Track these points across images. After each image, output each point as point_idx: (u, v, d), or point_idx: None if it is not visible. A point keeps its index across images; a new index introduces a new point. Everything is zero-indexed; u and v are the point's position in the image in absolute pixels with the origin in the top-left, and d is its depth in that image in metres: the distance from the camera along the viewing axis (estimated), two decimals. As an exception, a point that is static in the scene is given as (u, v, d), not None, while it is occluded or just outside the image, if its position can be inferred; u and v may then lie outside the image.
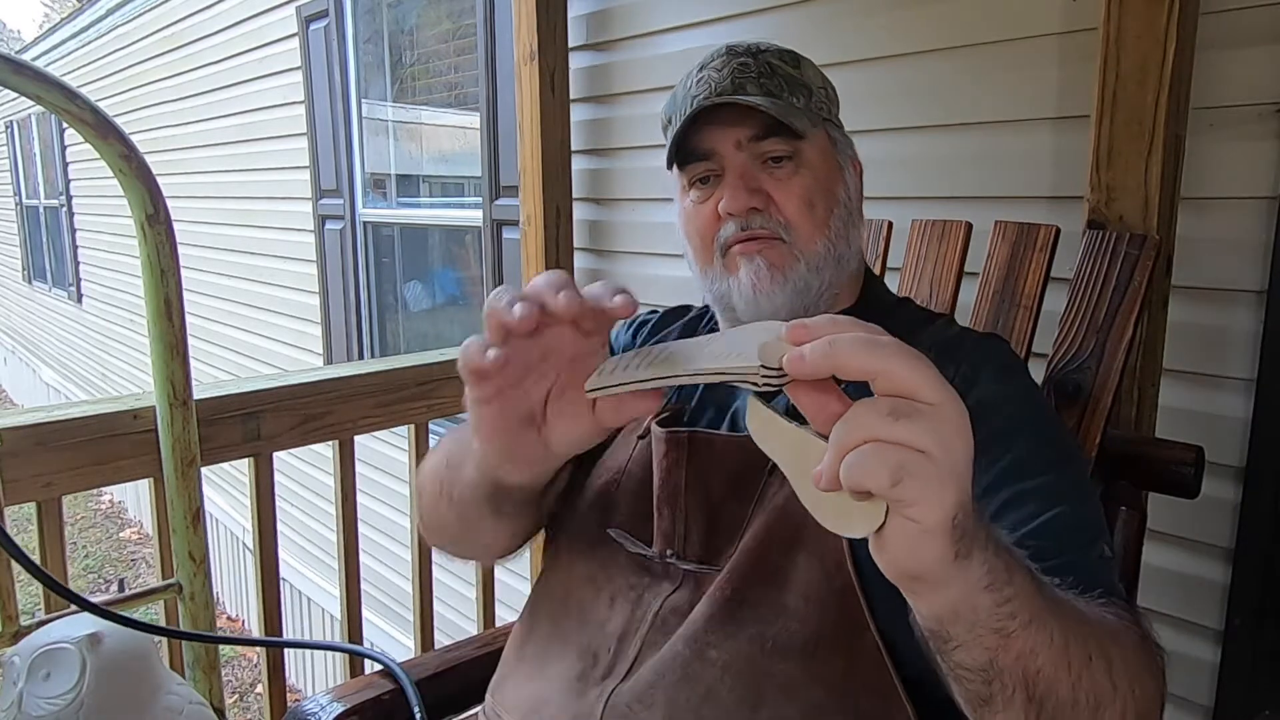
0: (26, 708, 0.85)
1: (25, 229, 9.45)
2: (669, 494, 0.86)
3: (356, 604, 1.65)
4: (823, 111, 0.90)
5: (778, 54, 0.89)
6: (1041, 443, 0.77)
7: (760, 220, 0.85)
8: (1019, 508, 0.72)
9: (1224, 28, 1.17)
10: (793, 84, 0.88)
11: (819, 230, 0.86)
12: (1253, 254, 1.18)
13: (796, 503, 0.78)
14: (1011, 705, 0.54)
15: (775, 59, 0.88)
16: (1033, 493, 0.73)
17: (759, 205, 0.85)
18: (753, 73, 0.86)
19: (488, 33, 2.56)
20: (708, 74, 0.88)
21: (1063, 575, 0.66)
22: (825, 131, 0.90)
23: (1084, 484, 0.78)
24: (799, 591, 0.75)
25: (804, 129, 0.85)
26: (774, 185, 0.86)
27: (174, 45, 4.96)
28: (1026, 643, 0.52)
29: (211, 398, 1.38)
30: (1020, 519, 0.71)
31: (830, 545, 0.76)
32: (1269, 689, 1.20)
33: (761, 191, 0.85)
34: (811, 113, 0.88)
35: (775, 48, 0.90)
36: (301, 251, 3.83)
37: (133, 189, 1.14)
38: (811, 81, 0.90)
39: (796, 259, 0.85)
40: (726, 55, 0.88)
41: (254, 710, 4.27)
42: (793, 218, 0.85)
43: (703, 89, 0.87)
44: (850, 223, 0.90)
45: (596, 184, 2.20)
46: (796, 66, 0.90)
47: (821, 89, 0.91)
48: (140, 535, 6.68)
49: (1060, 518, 0.72)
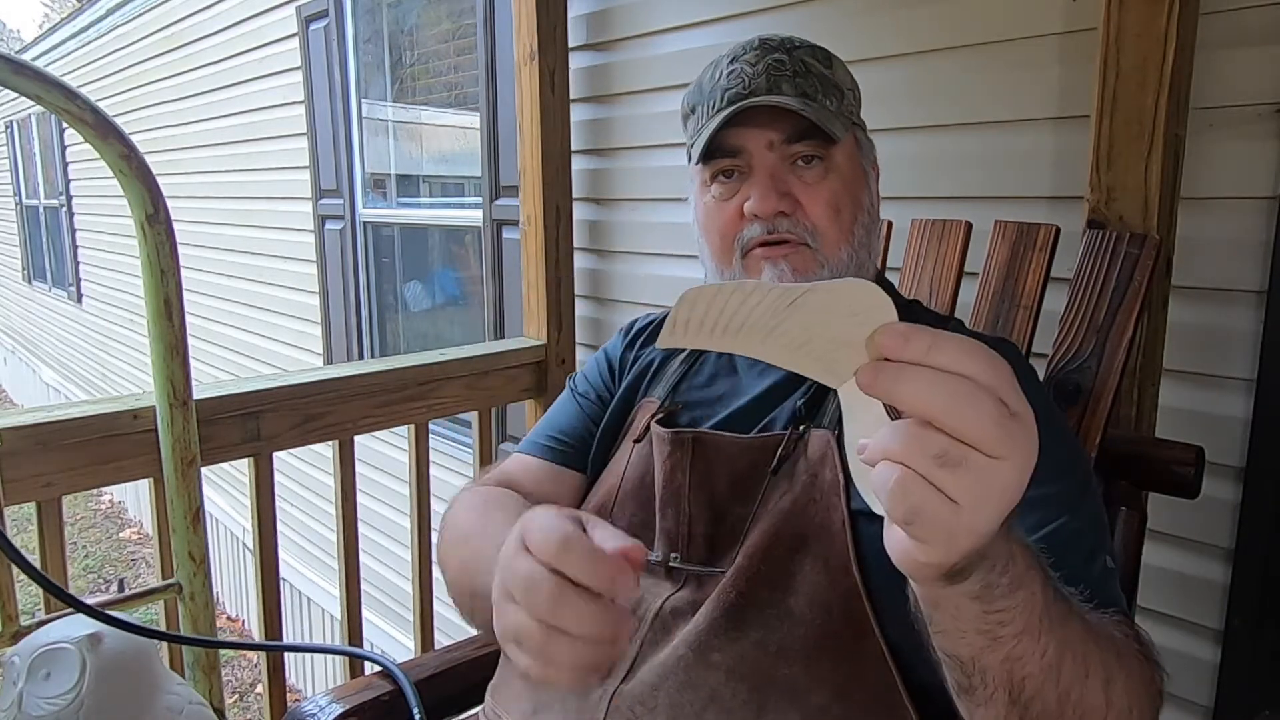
0: (26, 708, 0.85)
1: (25, 229, 9.45)
2: (672, 494, 0.85)
3: (356, 604, 1.65)
4: (852, 115, 0.89)
5: (810, 51, 0.87)
6: (1048, 450, 0.76)
7: (787, 225, 0.84)
8: (1023, 516, 0.72)
9: (1224, 28, 1.17)
10: (826, 85, 0.86)
11: (844, 237, 0.85)
12: (1253, 254, 1.18)
13: (803, 506, 0.78)
14: (993, 703, 0.54)
15: (809, 57, 0.87)
16: (1038, 501, 0.73)
17: (786, 209, 0.84)
18: (788, 70, 0.85)
19: (488, 33, 2.56)
20: (741, 67, 0.86)
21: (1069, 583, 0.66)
22: (854, 135, 0.89)
23: (1089, 493, 0.78)
24: (804, 595, 0.75)
25: (838, 134, 0.84)
26: (802, 189, 0.84)
27: (174, 45, 4.96)
28: (1016, 649, 0.51)
29: (211, 398, 1.38)
30: (1030, 527, 0.71)
31: (836, 549, 0.76)
32: (1269, 689, 1.20)
33: (789, 195, 0.84)
34: (843, 116, 0.87)
35: (808, 44, 0.88)
36: (301, 251, 3.82)
37: (133, 189, 1.14)
38: (843, 82, 0.89)
39: (821, 265, 0.85)
40: (760, 49, 0.86)
41: (254, 710, 4.26)
42: (820, 223, 0.84)
43: (735, 83, 0.85)
44: (871, 229, 0.89)
45: (596, 184, 2.20)
46: (829, 66, 0.88)
47: (851, 90, 0.90)
48: (140, 535, 6.68)
49: (1063, 528, 0.72)
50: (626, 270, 2.17)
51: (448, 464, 2.75)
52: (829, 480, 0.79)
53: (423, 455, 1.75)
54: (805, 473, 0.80)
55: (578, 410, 1.03)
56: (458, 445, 2.79)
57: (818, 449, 0.81)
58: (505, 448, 2.58)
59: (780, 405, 0.87)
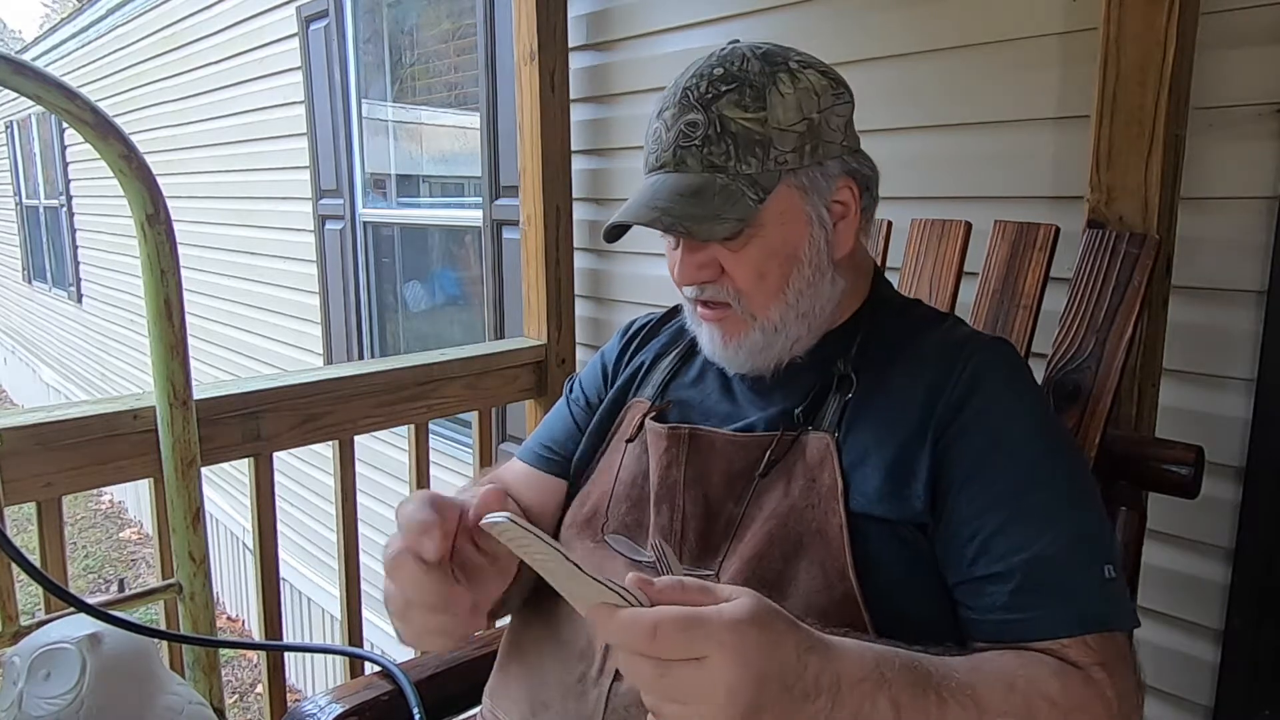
0: (26, 708, 0.85)
1: (25, 229, 9.45)
2: (667, 490, 0.86)
3: (356, 604, 1.65)
4: (788, 163, 0.80)
5: (737, 95, 0.79)
6: (1043, 457, 0.77)
7: (711, 290, 0.84)
8: (1019, 529, 0.73)
9: (1224, 28, 1.17)
10: (746, 143, 0.79)
11: (772, 298, 0.83)
12: (1253, 254, 1.18)
13: (801, 510, 0.78)
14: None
15: (731, 108, 0.79)
16: (1032, 513, 0.74)
17: (709, 278, 0.83)
18: (697, 139, 0.80)
19: (488, 33, 2.56)
20: (659, 129, 0.83)
21: (1059, 602, 0.70)
22: (789, 185, 0.81)
23: (1087, 499, 0.78)
24: (800, 600, 0.75)
25: (731, 229, 0.79)
26: (726, 255, 0.82)
27: (174, 45, 4.96)
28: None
29: (211, 398, 1.38)
30: (1020, 542, 0.72)
31: (833, 553, 0.76)
32: (1269, 689, 1.20)
33: (713, 263, 0.83)
34: (767, 173, 0.80)
35: (738, 82, 0.79)
36: (301, 251, 3.82)
37: (133, 189, 1.14)
38: (781, 122, 0.80)
39: (751, 327, 0.84)
40: (679, 106, 0.81)
41: (254, 710, 4.26)
42: (745, 288, 0.83)
43: (653, 148, 0.84)
44: (819, 277, 0.84)
45: (596, 184, 2.20)
46: (762, 106, 0.79)
47: (796, 126, 0.80)
48: (140, 535, 6.68)
49: (1060, 539, 0.72)
50: (626, 270, 2.17)
51: (448, 464, 2.75)
52: (827, 484, 0.79)
53: (423, 455, 1.75)
54: (803, 476, 0.80)
55: (569, 419, 1.05)
56: (458, 445, 2.79)
57: (816, 452, 0.81)
58: (505, 448, 2.58)
59: (770, 406, 0.87)
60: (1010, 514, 0.73)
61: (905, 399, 0.80)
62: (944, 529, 0.75)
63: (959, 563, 0.74)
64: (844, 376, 0.84)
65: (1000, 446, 0.76)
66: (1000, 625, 0.72)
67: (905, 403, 0.80)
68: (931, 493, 0.76)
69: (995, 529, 0.73)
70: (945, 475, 0.76)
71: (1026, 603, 0.71)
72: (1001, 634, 0.72)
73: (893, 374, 0.83)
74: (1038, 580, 0.71)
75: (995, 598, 0.72)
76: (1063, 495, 0.76)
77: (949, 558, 0.75)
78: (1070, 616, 0.70)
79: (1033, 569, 0.71)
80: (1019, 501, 0.74)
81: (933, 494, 0.76)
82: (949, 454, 0.76)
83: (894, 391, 0.81)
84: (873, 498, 0.77)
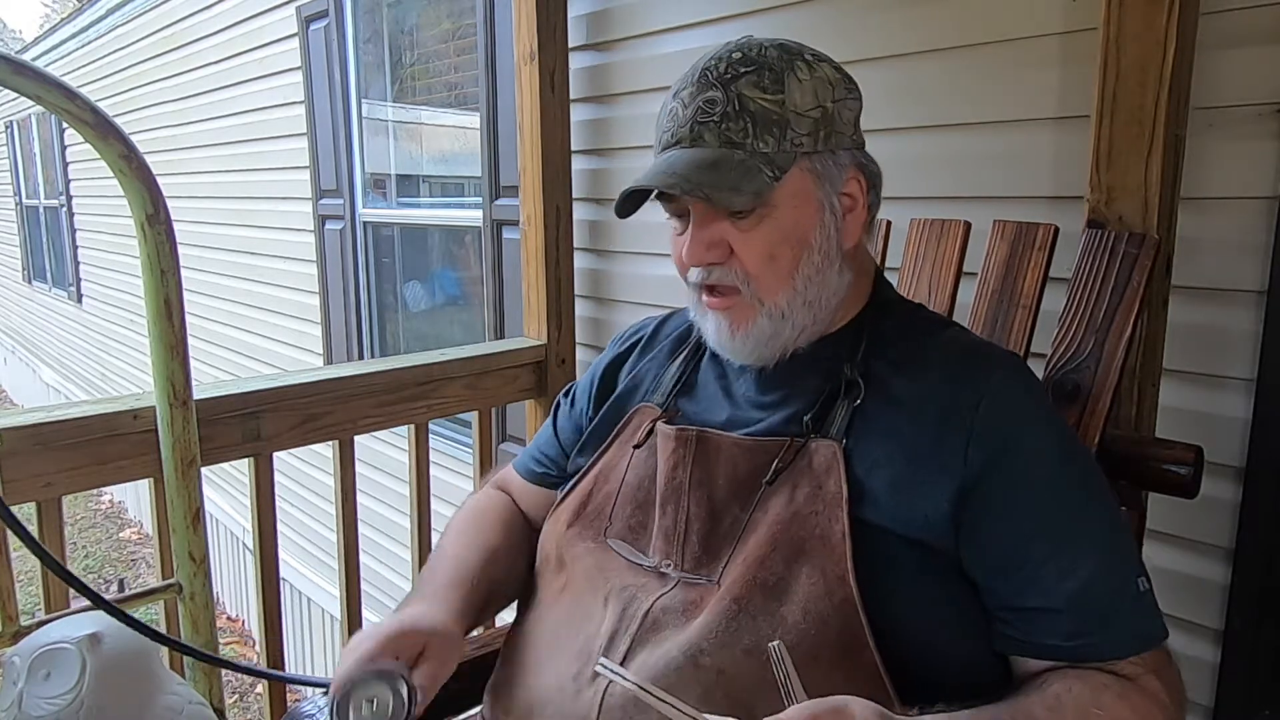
0: (26, 708, 0.85)
1: (25, 229, 9.45)
2: (672, 491, 0.86)
3: (356, 604, 1.65)
4: (803, 145, 0.80)
5: (756, 78, 0.79)
6: (1076, 481, 0.79)
7: (719, 273, 0.83)
8: (1067, 558, 0.75)
9: (1224, 28, 1.17)
10: (764, 122, 0.79)
11: (782, 282, 0.82)
12: (1253, 254, 1.18)
13: (805, 516, 0.79)
14: None
15: (751, 87, 0.79)
16: (1076, 540, 0.76)
17: (718, 259, 0.82)
18: (715, 114, 0.79)
19: (488, 33, 2.56)
20: (676, 106, 0.83)
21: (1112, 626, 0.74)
22: (802, 168, 0.81)
23: (1115, 514, 0.80)
24: (799, 604, 0.75)
25: (748, 203, 0.79)
26: (736, 236, 0.81)
27: (174, 45, 4.96)
28: None
29: (211, 398, 1.38)
30: (1068, 570, 0.74)
31: (834, 558, 0.76)
32: (1269, 689, 1.20)
33: (722, 243, 0.82)
34: (783, 153, 0.80)
35: (757, 65, 0.80)
36: (301, 251, 3.82)
37: (133, 189, 1.14)
38: (798, 106, 0.80)
39: (758, 313, 0.83)
40: (698, 84, 0.81)
41: (254, 710, 4.27)
42: (754, 271, 0.82)
43: (669, 125, 0.83)
44: (828, 264, 0.84)
45: (596, 184, 2.20)
46: (780, 89, 0.79)
47: (811, 111, 0.81)
48: (140, 535, 6.68)
49: (1101, 563, 0.75)
50: (626, 270, 2.17)
51: (448, 464, 2.75)
52: (833, 491, 0.79)
53: (423, 455, 1.75)
54: (809, 482, 0.80)
55: (555, 432, 1.09)
56: (458, 445, 2.79)
57: (823, 459, 0.81)
58: (505, 448, 2.58)
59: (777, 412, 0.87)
60: (1056, 544, 0.75)
61: (917, 411, 0.80)
62: (980, 554, 0.76)
63: (1003, 590, 0.76)
64: (851, 382, 0.84)
65: (1037, 474, 0.77)
66: (1057, 650, 0.75)
67: (917, 415, 0.80)
68: (956, 512, 0.76)
69: (1042, 559, 0.75)
70: (978, 500, 0.76)
71: (1081, 629, 0.74)
72: (1058, 655, 0.75)
73: (901, 382, 0.83)
74: (1089, 607, 0.74)
75: (1051, 626, 0.74)
76: (1098, 517, 0.78)
77: (992, 584, 0.76)
78: (1124, 638, 0.74)
79: (1083, 597, 0.74)
80: (1062, 530, 0.76)
81: (957, 514, 0.76)
82: (983, 481, 0.76)
83: (904, 402, 0.81)
84: (879, 507, 0.77)
